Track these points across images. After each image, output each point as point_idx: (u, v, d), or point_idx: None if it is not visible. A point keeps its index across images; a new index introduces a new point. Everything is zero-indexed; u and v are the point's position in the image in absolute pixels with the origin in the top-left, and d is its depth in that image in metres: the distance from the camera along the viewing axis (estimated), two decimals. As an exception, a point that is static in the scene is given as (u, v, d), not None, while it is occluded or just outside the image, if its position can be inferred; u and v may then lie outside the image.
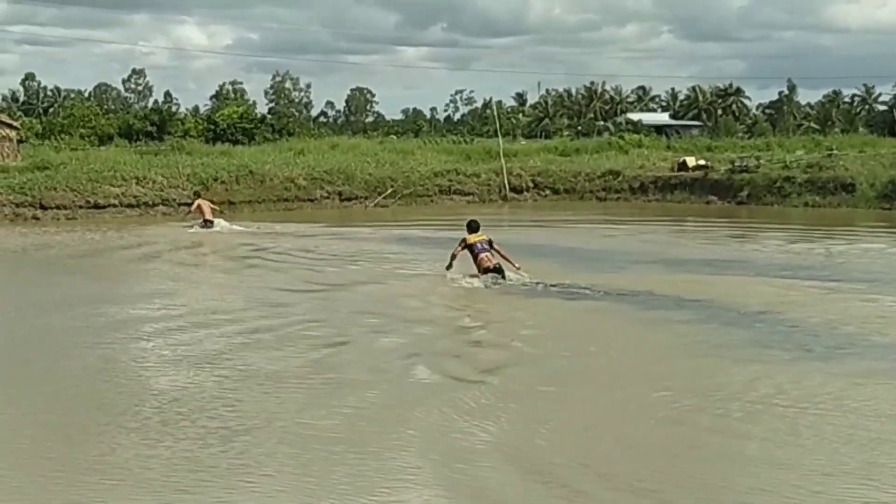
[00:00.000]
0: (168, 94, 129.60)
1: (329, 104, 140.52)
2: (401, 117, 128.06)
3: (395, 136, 68.98)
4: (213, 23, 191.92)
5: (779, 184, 38.44)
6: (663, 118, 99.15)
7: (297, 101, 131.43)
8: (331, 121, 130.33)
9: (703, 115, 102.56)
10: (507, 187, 42.26)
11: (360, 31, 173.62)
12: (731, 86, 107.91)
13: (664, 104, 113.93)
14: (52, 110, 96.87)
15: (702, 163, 42.18)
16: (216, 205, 32.17)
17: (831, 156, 40.36)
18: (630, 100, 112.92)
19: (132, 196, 36.12)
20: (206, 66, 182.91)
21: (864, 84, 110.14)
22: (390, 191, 40.18)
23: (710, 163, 42.23)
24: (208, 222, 30.11)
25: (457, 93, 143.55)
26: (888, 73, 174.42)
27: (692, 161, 42.45)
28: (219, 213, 31.57)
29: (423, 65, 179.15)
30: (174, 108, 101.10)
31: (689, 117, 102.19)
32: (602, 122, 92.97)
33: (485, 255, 17.43)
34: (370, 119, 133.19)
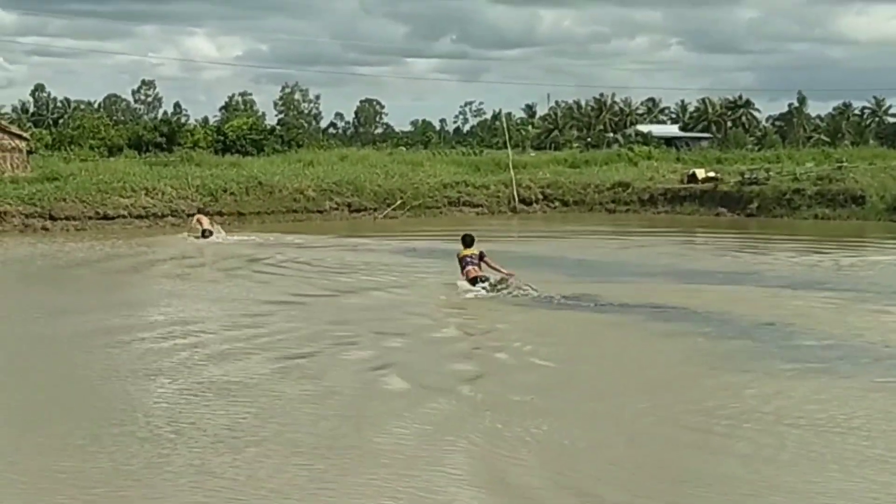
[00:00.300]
0: (178, 105, 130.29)
1: (338, 115, 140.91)
2: (410, 129, 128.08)
3: (405, 148, 69.04)
4: (222, 34, 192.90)
5: (788, 196, 38.38)
6: (673, 130, 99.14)
7: (306, 112, 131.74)
8: (340, 132, 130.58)
9: (713, 127, 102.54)
10: (517, 199, 42.23)
11: (369, 43, 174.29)
12: (740, 98, 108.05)
13: (674, 116, 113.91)
14: (61, 121, 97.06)
15: (711, 175, 42.13)
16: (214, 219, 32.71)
17: (841, 168, 40.30)
18: (640, 112, 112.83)
19: (141, 207, 36.22)
20: (216, 77, 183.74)
21: (875, 96, 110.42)
22: (399, 202, 40.18)
23: (719, 175, 42.18)
24: (206, 232, 30.53)
25: (466, 104, 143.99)
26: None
27: (702, 173, 42.40)
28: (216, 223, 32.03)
29: (432, 76, 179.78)
30: (184, 120, 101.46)
31: (698, 129, 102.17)
32: (611, 134, 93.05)
33: (470, 267, 18.30)
34: (379, 130, 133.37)
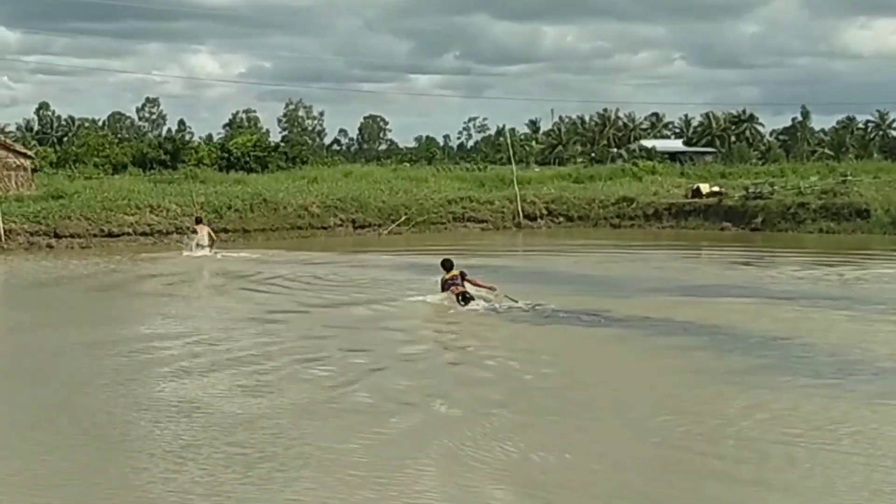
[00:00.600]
0: (182, 122, 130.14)
1: (342, 132, 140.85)
2: (414, 145, 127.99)
3: (409, 164, 68.95)
4: (226, 51, 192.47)
5: (793, 210, 38.35)
6: (677, 145, 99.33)
7: (310, 129, 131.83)
8: (344, 148, 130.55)
9: (717, 142, 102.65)
10: (521, 214, 42.26)
11: (373, 60, 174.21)
12: (744, 112, 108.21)
13: (677, 131, 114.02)
14: (66, 139, 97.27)
15: (716, 189, 42.14)
16: (215, 234, 32.82)
17: (845, 182, 40.29)
18: (643, 126, 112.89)
19: (146, 224, 36.24)
20: (220, 94, 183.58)
21: (878, 110, 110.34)
22: (404, 218, 40.19)
23: (724, 189, 42.20)
24: (200, 246, 30.83)
25: (470, 120, 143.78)
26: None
27: (706, 188, 42.39)
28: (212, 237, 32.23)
29: (436, 92, 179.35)
30: (188, 137, 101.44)
31: (702, 144, 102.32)
32: (615, 149, 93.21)
33: (452, 286, 18.97)
34: (383, 147, 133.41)
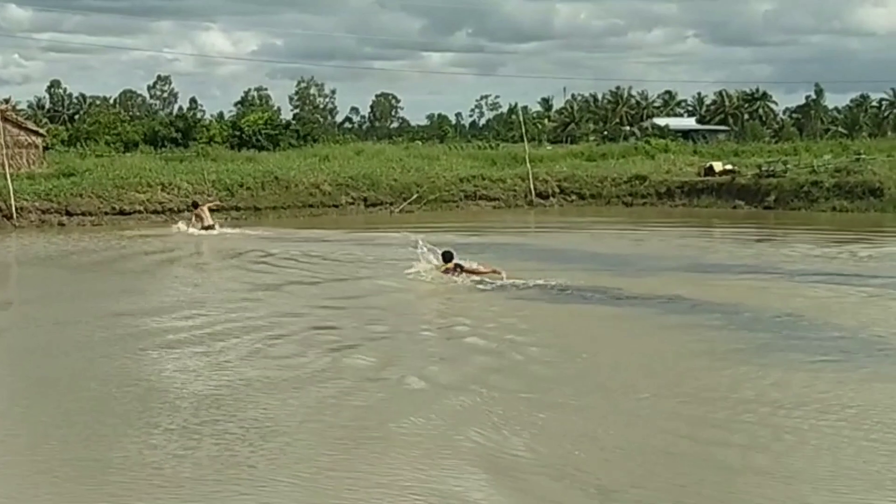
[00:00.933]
0: (193, 100, 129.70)
1: (354, 110, 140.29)
2: (426, 123, 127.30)
3: (421, 142, 68.71)
4: (238, 29, 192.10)
5: (806, 188, 38.13)
6: (690, 123, 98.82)
7: (321, 106, 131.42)
8: (356, 126, 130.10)
9: (730, 120, 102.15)
10: (533, 192, 42.11)
11: (385, 37, 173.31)
12: (757, 90, 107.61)
13: (690, 109, 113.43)
14: (77, 117, 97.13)
15: (729, 167, 41.92)
16: (214, 210, 32.73)
17: (859, 160, 40.03)
18: (656, 104, 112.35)
19: (157, 202, 36.23)
20: (231, 72, 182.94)
21: (892, 88, 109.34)
22: (415, 196, 40.10)
23: (736, 167, 41.97)
24: (209, 227, 30.82)
25: (482, 98, 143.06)
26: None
27: (719, 166, 42.18)
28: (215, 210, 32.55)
29: (448, 70, 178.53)
30: (199, 115, 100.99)
31: (715, 122, 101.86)
32: (628, 127, 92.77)
33: (450, 275, 19.34)
34: (395, 125, 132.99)
